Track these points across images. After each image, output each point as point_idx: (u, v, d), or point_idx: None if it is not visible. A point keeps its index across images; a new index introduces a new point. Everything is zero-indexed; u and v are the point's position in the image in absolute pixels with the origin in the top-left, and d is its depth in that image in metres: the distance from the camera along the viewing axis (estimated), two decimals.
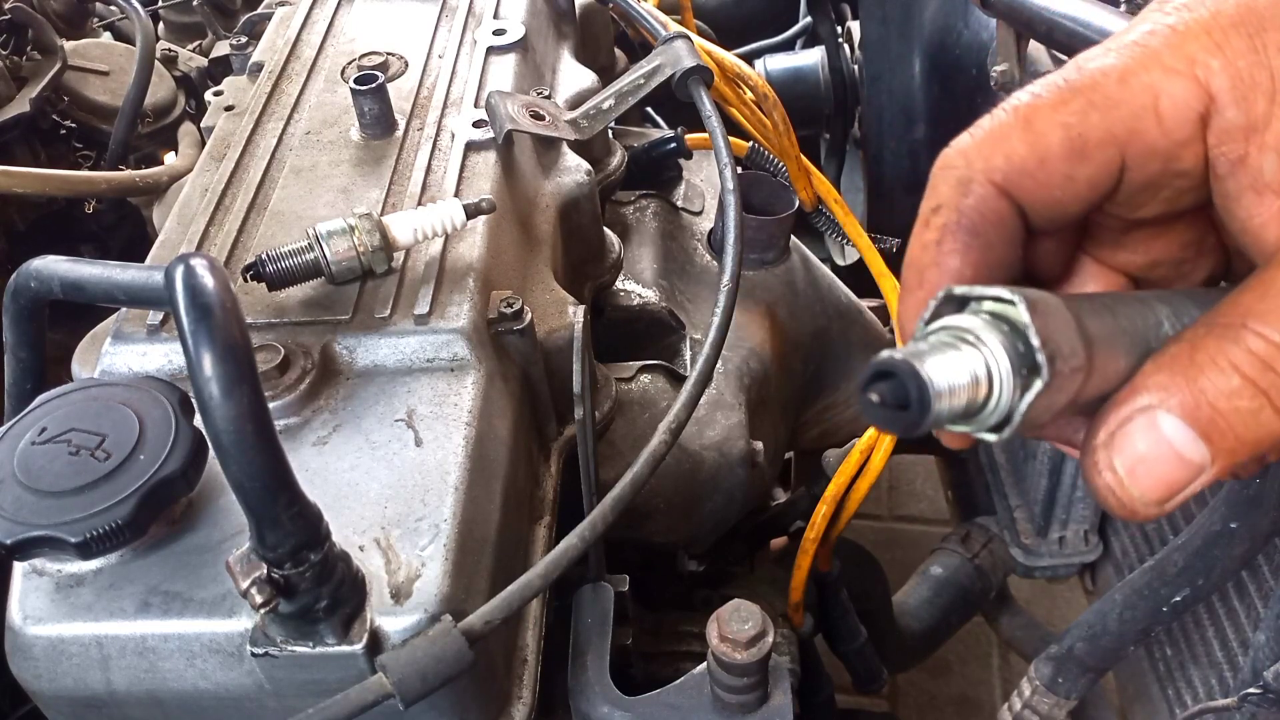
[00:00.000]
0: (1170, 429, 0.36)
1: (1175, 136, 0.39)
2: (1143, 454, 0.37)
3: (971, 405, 0.36)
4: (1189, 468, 0.37)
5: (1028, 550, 1.41)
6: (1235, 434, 0.36)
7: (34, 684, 0.63)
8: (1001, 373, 0.35)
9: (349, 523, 0.63)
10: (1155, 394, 0.37)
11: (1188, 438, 0.36)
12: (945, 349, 0.36)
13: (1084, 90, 0.40)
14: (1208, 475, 0.37)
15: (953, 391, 0.35)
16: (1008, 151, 0.40)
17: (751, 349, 1.05)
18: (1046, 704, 1.05)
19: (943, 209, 0.42)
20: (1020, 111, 0.41)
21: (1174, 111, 0.39)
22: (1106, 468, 0.38)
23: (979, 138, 0.41)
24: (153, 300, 0.69)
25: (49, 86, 1.27)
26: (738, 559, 1.17)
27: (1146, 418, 0.37)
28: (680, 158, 1.19)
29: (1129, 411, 0.37)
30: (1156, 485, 0.37)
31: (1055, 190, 0.41)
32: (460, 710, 0.65)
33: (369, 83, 0.87)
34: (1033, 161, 0.40)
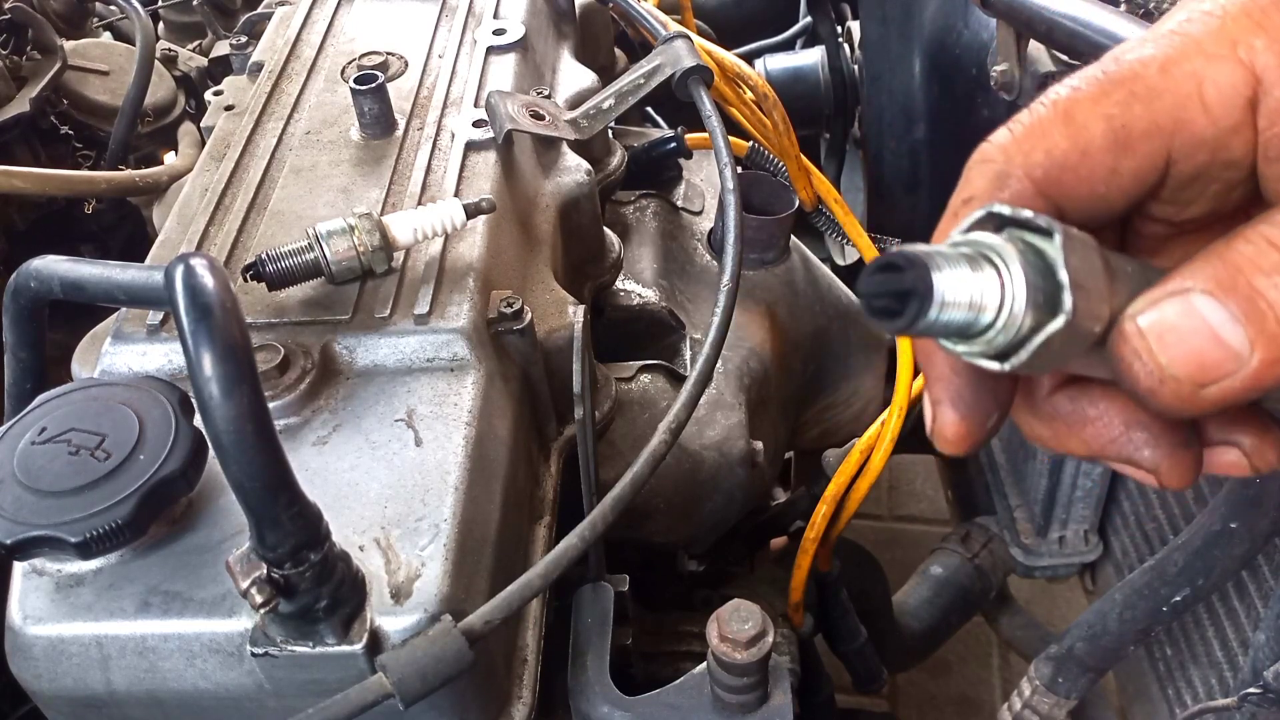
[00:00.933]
0: (1206, 308, 0.34)
1: (1223, 123, 0.38)
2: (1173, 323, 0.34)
3: (973, 324, 0.34)
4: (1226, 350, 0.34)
5: (1028, 550, 1.41)
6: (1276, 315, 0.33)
7: (34, 684, 0.63)
8: (1016, 297, 0.34)
9: (349, 523, 0.63)
10: (1190, 279, 0.35)
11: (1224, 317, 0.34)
12: (964, 260, 0.34)
13: (1125, 81, 0.38)
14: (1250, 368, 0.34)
15: (956, 302, 0.34)
16: (1048, 146, 0.39)
17: (751, 349, 1.05)
18: (1046, 704, 1.05)
19: (975, 201, 0.40)
20: (1060, 105, 0.39)
21: (1220, 97, 0.37)
22: (1135, 335, 0.35)
23: (1018, 133, 0.40)
24: (153, 300, 0.69)
25: (49, 86, 1.27)
26: (738, 559, 1.17)
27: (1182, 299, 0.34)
28: (680, 158, 1.19)
29: (1161, 294, 0.35)
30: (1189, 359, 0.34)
31: (1099, 185, 0.39)
32: (460, 710, 0.65)
33: (369, 82, 0.87)
34: (1075, 155, 0.38)
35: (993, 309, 0.34)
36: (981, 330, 0.35)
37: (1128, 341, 0.35)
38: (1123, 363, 0.36)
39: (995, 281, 0.34)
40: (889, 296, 0.34)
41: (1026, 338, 0.34)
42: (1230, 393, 0.34)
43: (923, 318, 0.34)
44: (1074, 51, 0.99)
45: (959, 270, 0.34)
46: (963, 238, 0.36)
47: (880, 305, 0.34)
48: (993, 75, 1.10)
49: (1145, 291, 0.36)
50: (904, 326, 0.34)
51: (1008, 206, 0.36)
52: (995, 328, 0.34)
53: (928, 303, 0.33)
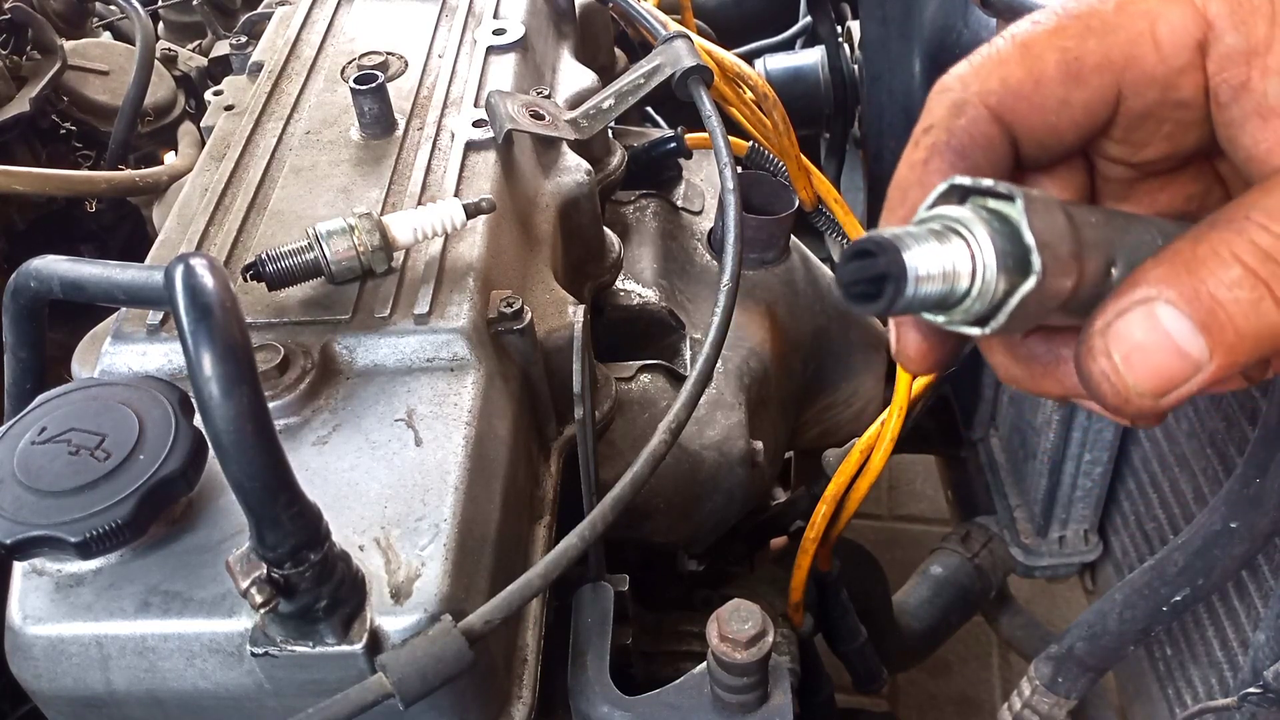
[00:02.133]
0: (1169, 319, 0.36)
1: (1173, 63, 0.39)
2: (1140, 342, 0.36)
3: (950, 295, 0.36)
4: (1186, 361, 0.36)
5: (1028, 550, 1.41)
6: (1234, 326, 0.35)
7: (34, 684, 0.63)
8: (986, 265, 0.35)
9: (349, 522, 0.63)
10: (1155, 286, 0.36)
11: (1186, 329, 0.35)
12: (932, 236, 0.35)
13: (1082, 17, 0.40)
14: (1206, 373, 0.36)
15: (930, 276, 0.35)
16: (1004, 75, 0.41)
17: (751, 349, 1.05)
18: (1046, 704, 1.05)
19: (933, 129, 0.42)
20: (1019, 38, 0.41)
21: (1171, 37, 0.39)
22: (1102, 354, 0.37)
23: (977, 63, 0.42)
24: (152, 300, 0.69)
25: (49, 86, 1.27)
26: (738, 559, 1.17)
27: (1145, 309, 0.36)
28: (680, 157, 1.19)
29: (1127, 303, 0.37)
30: (1152, 375, 0.36)
31: (1050, 114, 0.41)
32: (460, 710, 0.65)
33: (369, 82, 0.87)
34: (1029, 84, 0.40)
35: (966, 279, 0.35)
36: (958, 300, 0.36)
37: (1095, 360, 0.37)
38: (1091, 380, 0.37)
39: (965, 252, 0.35)
40: (865, 282, 0.35)
41: (1002, 301, 0.35)
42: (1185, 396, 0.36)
43: (899, 298, 0.35)
44: None
45: (929, 246, 0.35)
46: (929, 213, 0.37)
47: (858, 291, 0.36)
48: None
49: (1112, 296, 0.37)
50: (883, 308, 0.36)
51: (968, 178, 0.37)
52: (971, 296, 0.36)
53: (903, 284, 0.35)
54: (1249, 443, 0.85)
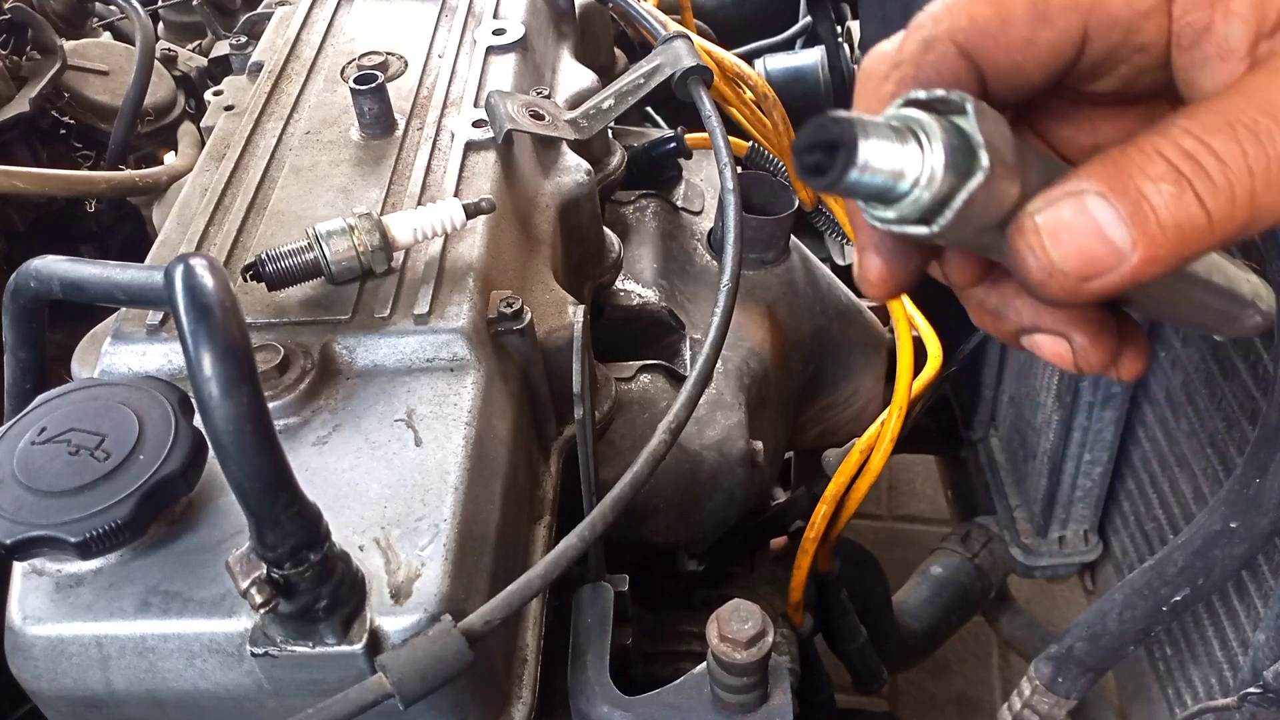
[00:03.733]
0: (1097, 208, 0.37)
1: (1139, 6, 0.40)
2: (1068, 222, 0.38)
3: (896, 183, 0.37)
4: (1110, 248, 0.37)
5: (1028, 550, 1.41)
6: (1158, 218, 0.37)
7: (34, 684, 0.63)
8: (934, 155, 0.37)
9: (349, 523, 0.63)
10: (1086, 180, 0.38)
11: (1112, 218, 0.37)
12: (889, 129, 0.37)
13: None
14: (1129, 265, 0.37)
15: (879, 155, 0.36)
16: (973, 13, 0.42)
17: (751, 349, 1.05)
18: (1046, 704, 1.05)
19: (903, 64, 0.43)
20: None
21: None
22: (1031, 231, 0.38)
23: (949, 1, 0.43)
24: (152, 300, 0.69)
25: (49, 86, 1.27)
26: (738, 559, 1.17)
27: (1077, 199, 0.38)
28: (680, 158, 1.19)
29: (1060, 193, 0.38)
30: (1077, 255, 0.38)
31: (1016, 53, 0.42)
32: (460, 710, 0.65)
33: (369, 82, 0.87)
34: (996, 24, 0.41)
35: (914, 170, 0.37)
36: (905, 192, 0.37)
37: (1024, 235, 0.38)
38: (1018, 255, 0.39)
39: (916, 149, 0.37)
40: (819, 151, 0.37)
41: (948, 198, 0.37)
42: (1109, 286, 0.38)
43: (850, 169, 0.36)
44: None
45: (883, 134, 0.37)
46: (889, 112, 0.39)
47: (810, 161, 0.37)
48: None
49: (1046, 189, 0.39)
50: (833, 180, 0.37)
51: (923, 91, 0.39)
52: (919, 186, 0.37)
53: (854, 155, 0.36)
54: (1249, 443, 0.85)
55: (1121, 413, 1.23)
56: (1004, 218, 0.39)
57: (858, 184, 0.37)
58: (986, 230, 0.39)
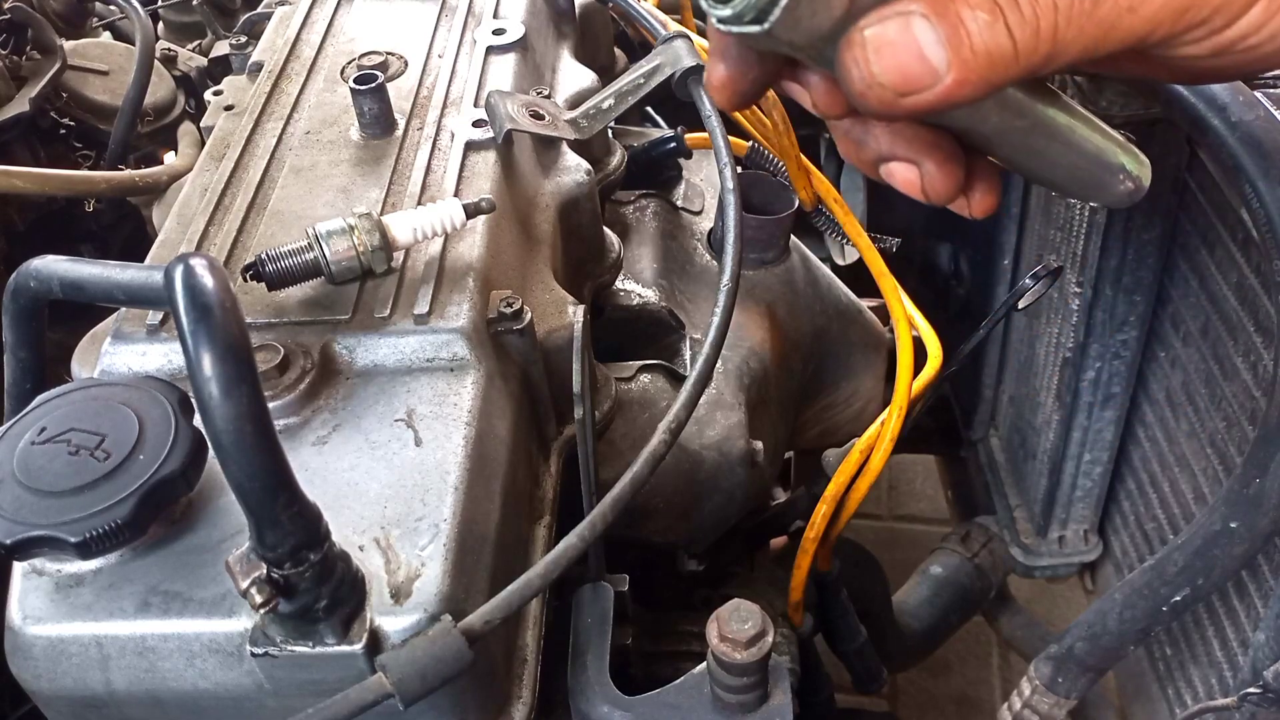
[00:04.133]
0: (919, 29, 0.40)
1: None
2: (891, 39, 0.41)
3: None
4: (927, 67, 0.41)
5: (1028, 550, 1.41)
6: (971, 43, 0.40)
7: (34, 684, 0.63)
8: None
9: (349, 522, 0.63)
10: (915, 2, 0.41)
11: (932, 39, 0.40)
12: None
13: None
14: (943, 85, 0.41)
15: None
16: None
17: (751, 348, 1.05)
18: (1046, 703, 1.05)
19: None
20: None
21: None
22: (858, 45, 0.41)
23: None
24: (152, 300, 0.68)
25: (49, 86, 1.27)
26: (738, 559, 1.17)
27: (903, 18, 0.41)
28: (680, 157, 1.19)
29: (889, 11, 0.41)
30: (897, 70, 0.41)
31: None
32: (460, 710, 0.65)
33: (369, 82, 0.87)
34: None
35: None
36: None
37: (851, 49, 0.41)
38: (843, 67, 0.42)
39: None
40: None
41: None
42: (923, 104, 0.41)
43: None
44: None
45: None
46: None
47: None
48: None
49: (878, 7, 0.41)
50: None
51: None
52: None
53: None
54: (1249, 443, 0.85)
55: (1121, 413, 1.23)
56: (835, 28, 0.41)
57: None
58: (819, 39, 0.42)
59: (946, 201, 0.50)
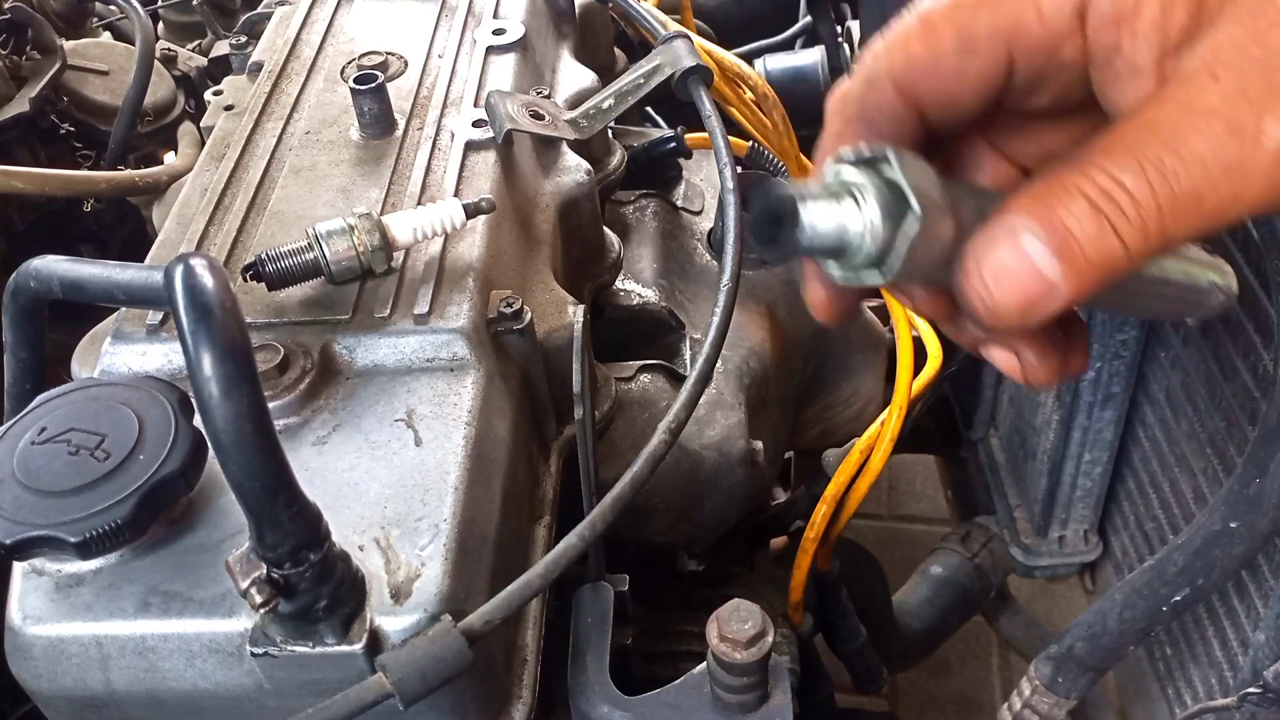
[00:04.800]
0: (1030, 246, 0.41)
1: (1055, 28, 0.43)
2: (1007, 266, 0.41)
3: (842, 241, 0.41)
4: (1044, 283, 0.41)
5: (1028, 550, 1.41)
6: (1083, 253, 0.40)
7: (34, 684, 0.63)
8: (873, 213, 0.41)
9: (349, 522, 0.63)
10: (1019, 216, 0.41)
11: (1044, 254, 0.41)
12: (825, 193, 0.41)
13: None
14: (1061, 294, 0.41)
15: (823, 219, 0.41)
16: (908, 51, 0.45)
17: (751, 348, 1.05)
18: (1046, 703, 1.05)
19: (849, 100, 0.47)
20: (922, 15, 0.46)
21: (1052, 6, 0.43)
22: (976, 276, 0.42)
23: (887, 40, 0.46)
24: (152, 300, 0.69)
25: (49, 86, 1.27)
26: (738, 559, 1.17)
27: (1010, 235, 0.41)
28: (680, 157, 1.19)
29: (996, 230, 0.42)
30: (1016, 295, 0.41)
31: (949, 84, 0.45)
32: (460, 710, 0.65)
33: (368, 82, 0.87)
34: (929, 59, 0.45)
35: (856, 226, 0.41)
36: (854, 247, 0.41)
37: (970, 281, 0.42)
38: (967, 299, 0.42)
39: (854, 206, 0.41)
40: (769, 225, 0.41)
41: (890, 245, 0.41)
42: (1046, 314, 0.42)
43: (798, 240, 0.41)
44: None
45: (821, 200, 0.41)
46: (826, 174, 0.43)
47: (765, 233, 0.41)
48: None
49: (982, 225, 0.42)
50: (785, 250, 0.42)
51: (850, 150, 0.42)
52: (864, 239, 0.41)
53: (798, 226, 0.40)
54: (1249, 443, 0.85)
55: (1121, 413, 1.23)
56: (947, 254, 0.42)
57: (810, 248, 0.41)
58: (935, 268, 0.43)
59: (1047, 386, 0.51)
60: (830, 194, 0.41)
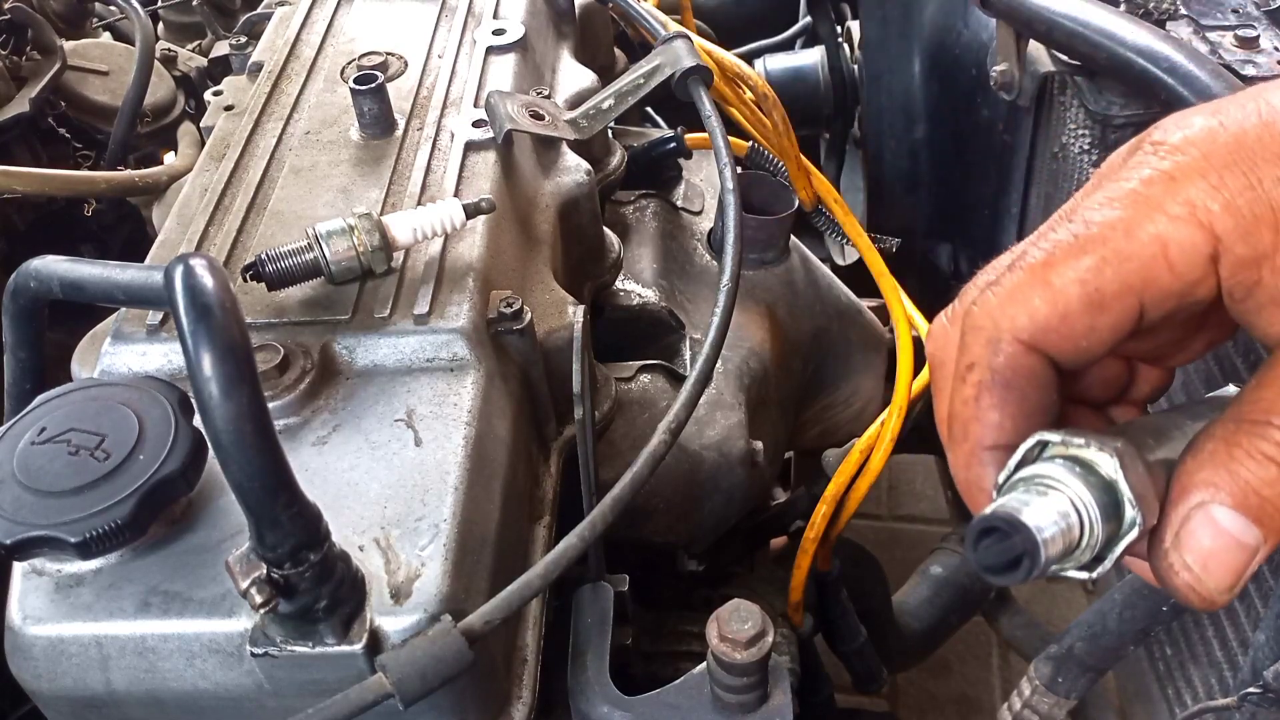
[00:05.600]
0: (1226, 520, 0.40)
1: (1188, 279, 0.41)
2: (1210, 548, 0.41)
3: (1068, 548, 0.40)
4: (1247, 551, 0.41)
5: None
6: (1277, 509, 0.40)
7: (34, 684, 0.63)
8: (1092, 517, 0.39)
9: (349, 523, 0.63)
10: (1205, 491, 0.41)
11: (1242, 525, 0.40)
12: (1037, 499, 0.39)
13: (1094, 245, 0.42)
14: (1263, 552, 0.41)
15: (1053, 540, 0.39)
16: (1030, 311, 0.43)
17: (751, 349, 1.05)
18: (1046, 703, 1.05)
19: (976, 367, 0.44)
20: (1037, 271, 0.43)
21: (1184, 257, 0.41)
22: (1182, 568, 0.41)
23: (1001, 297, 0.44)
24: (152, 300, 0.69)
25: (48, 87, 1.27)
26: (738, 559, 1.17)
27: (1203, 513, 0.41)
28: (680, 158, 1.19)
29: (1186, 510, 0.41)
30: (1227, 573, 0.41)
31: (1080, 340, 0.43)
32: (460, 710, 0.65)
33: (368, 82, 0.87)
34: (1055, 318, 0.42)
35: (1077, 530, 0.40)
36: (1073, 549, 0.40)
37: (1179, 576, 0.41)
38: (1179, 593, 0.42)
39: (1071, 509, 0.39)
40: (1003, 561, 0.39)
41: (1105, 548, 0.40)
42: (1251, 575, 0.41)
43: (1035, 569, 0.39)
44: (1073, 51, 0.99)
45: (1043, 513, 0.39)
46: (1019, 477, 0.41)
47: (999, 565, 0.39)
48: (992, 75, 1.10)
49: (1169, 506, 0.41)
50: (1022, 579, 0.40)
51: (1058, 434, 0.41)
52: (1081, 548, 0.40)
53: (1038, 558, 0.38)
54: None
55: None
56: None
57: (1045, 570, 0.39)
58: None
59: None
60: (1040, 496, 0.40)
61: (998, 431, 0.44)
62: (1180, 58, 0.88)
